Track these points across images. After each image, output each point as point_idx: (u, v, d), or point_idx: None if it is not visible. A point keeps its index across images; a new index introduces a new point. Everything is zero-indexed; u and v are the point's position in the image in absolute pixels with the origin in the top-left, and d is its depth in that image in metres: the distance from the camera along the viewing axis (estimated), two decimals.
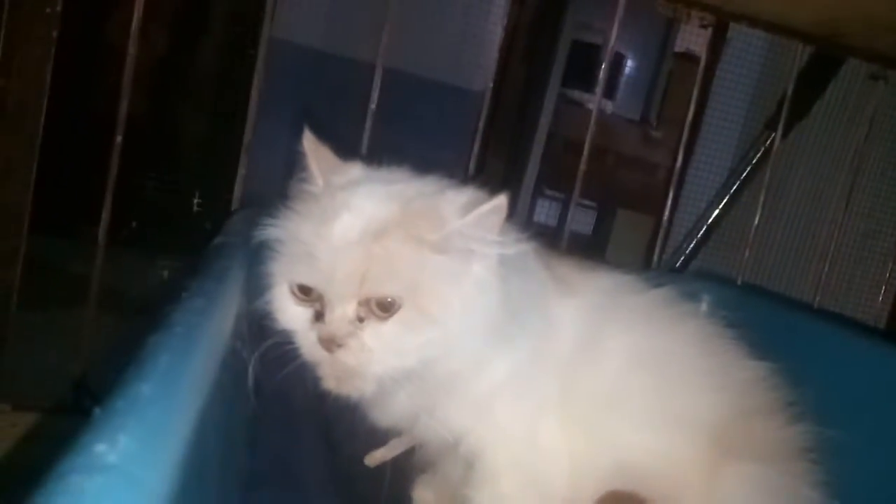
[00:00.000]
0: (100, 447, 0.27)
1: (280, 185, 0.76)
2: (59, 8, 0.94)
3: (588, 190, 1.46)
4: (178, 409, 0.33)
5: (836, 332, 1.09)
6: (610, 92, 2.56)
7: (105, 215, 1.00)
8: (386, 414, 0.75)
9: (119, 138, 0.99)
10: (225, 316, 0.50)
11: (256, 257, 0.72)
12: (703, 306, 1.17)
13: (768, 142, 1.61)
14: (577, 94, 2.51)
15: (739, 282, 1.39)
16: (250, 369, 0.66)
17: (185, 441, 0.33)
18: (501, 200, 0.65)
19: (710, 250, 1.73)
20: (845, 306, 1.38)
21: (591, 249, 2.37)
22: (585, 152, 1.41)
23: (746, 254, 1.40)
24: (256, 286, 0.81)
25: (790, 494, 0.74)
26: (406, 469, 0.89)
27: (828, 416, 0.81)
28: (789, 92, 1.51)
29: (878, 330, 1.49)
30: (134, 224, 1.29)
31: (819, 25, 1.28)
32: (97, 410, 0.30)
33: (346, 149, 0.81)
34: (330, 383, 0.67)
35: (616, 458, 0.77)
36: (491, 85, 1.41)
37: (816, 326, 1.11)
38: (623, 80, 2.64)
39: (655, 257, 1.51)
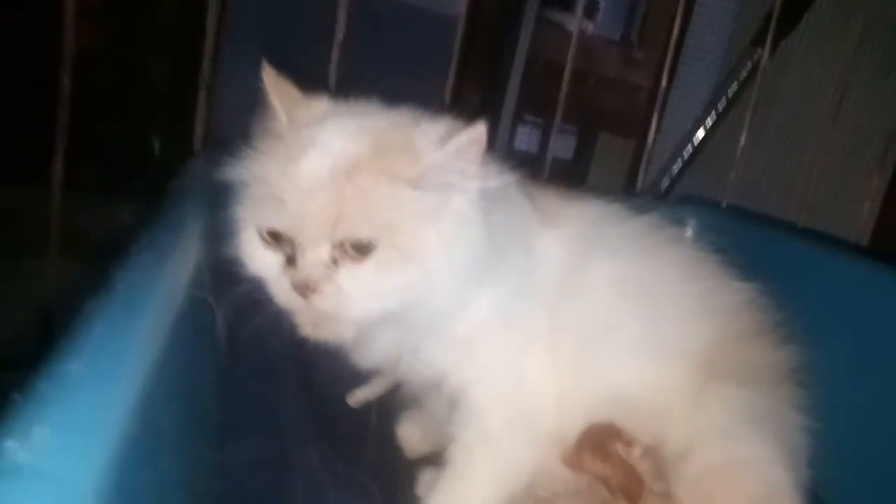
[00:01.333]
0: (7, 444, 0.24)
1: (249, 126, 0.72)
2: None
3: (569, 114, 1.41)
4: (116, 387, 0.29)
5: (820, 252, 1.08)
6: (590, 12, 2.47)
7: (57, 160, 0.94)
8: (367, 356, 0.73)
9: (66, 79, 0.92)
10: (181, 269, 0.46)
11: (219, 202, 0.68)
12: (689, 231, 1.15)
13: (755, 59, 1.56)
14: (556, 15, 2.41)
15: (724, 204, 1.37)
16: (219, 320, 0.63)
17: (128, 421, 0.29)
18: (480, 129, 0.61)
19: (695, 172, 1.70)
20: (830, 223, 1.37)
21: (573, 175, 2.34)
22: (566, 75, 1.36)
23: (732, 175, 1.38)
24: (220, 232, 0.78)
25: (776, 417, 0.74)
26: (390, 406, 0.88)
27: (813, 336, 0.81)
28: (777, 5, 1.45)
29: (860, 247, 1.49)
30: (91, 167, 1.23)
31: None
32: (17, 396, 0.26)
33: (313, 83, 0.76)
34: (307, 330, 0.65)
35: (603, 390, 0.76)
36: (465, 8, 1.34)
37: (801, 246, 1.10)
38: None
39: (639, 182, 1.48)
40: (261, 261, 0.64)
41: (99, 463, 0.26)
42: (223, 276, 0.77)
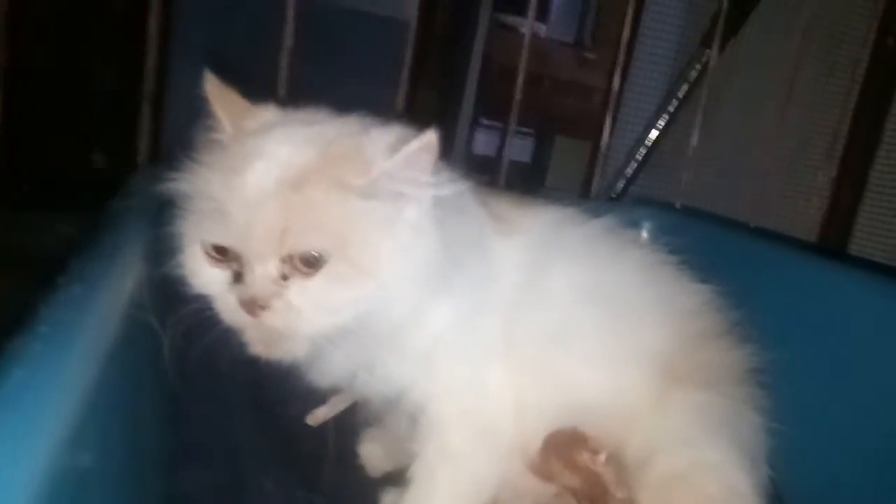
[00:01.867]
0: None
1: (195, 139, 0.69)
2: None
3: (525, 118, 1.41)
4: (39, 429, 0.27)
5: (772, 251, 1.09)
6: (542, 14, 2.48)
7: None
8: (323, 374, 0.71)
9: None
10: (117, 296, 0.44)
11: (163, 218, 0.66)
12: (644, 233, 1.16)
13: (704, 59, 1.59)
14: (509, 19, 2.42)
15: (679, 205, 1.38)
16: (165, 343, 0.61)
17: (52, 468, 0.27)
18: (431, 137, 0.60)
19: (650, 173, 1.72)
20: (780, 221, 1.40)
21: (531, 178, 2.34)
22: (520, 79, 1.36)
23: (685, 176, 1.39)
24: (164, 250, 0.75)
25: (736, 420, 0.75)
26: (351, 425, 0.86)
27: (768, 335, 0.82)
28: (723, 6, 1.47)
29: (809, 244, 1.52)
30: (25, 186, 1.17)
31: None
32: None
33: (263, 92, 0.74)
34: (257, 348, 0.62)
35: (565, 399, 0.75)
36: (417, 13, 1.33)
37: (753, 246, 1.12)
38: (555, 0, 2.56)
39: (594, 183, 1.49)
40: (206, 278, 0.61)
41: None
42: (168, 297, 0.74)
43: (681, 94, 1.66)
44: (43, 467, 0.27)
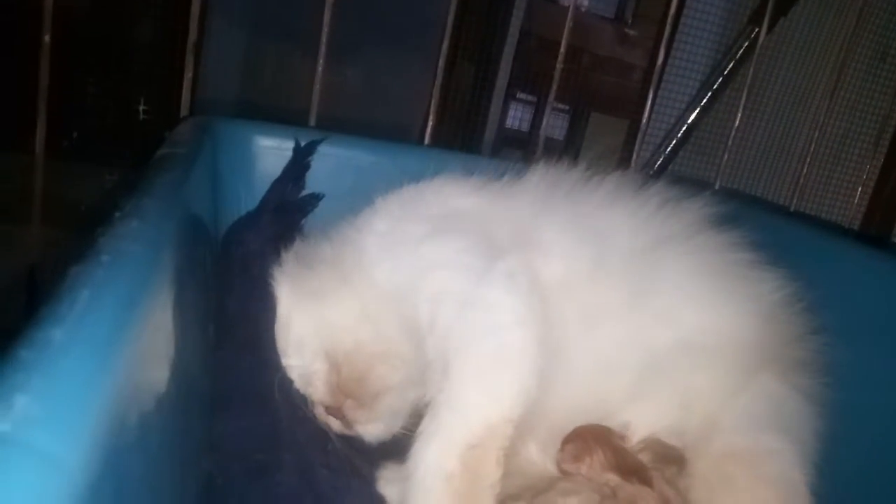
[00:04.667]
0: None
1: (236, 88, 0.69)
2: None
3: (561, 93, 1.38)
4: (102, 355, 0.27)
5: (814, 237, 1.07)
6: None
7: (40, 128, 0.91)
8: None
9: (47, 38, 0.88)
10: (169, 233, 0.44)
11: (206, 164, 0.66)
12: None
13: (752, 37, 1.55)
14: None
15: (717, 186, 1.36)
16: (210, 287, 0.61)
17: (115, 390, 0.27)
18: None
19: (689, 152, 1.69)
20: (822, 206, 1.37)
21: (565, 154, 2.31)
22: (562, 52, 1.33)
23: (725, 157, 1.36)
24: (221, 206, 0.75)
25: (804, 417, 0.72)
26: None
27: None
28: None
29: (851, 231, 1.49)
30: (75, 135, 1.19)
31: None
32: None
33: (304, 47, 0.73)
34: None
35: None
36: None
37: (795, 231, 1.09)
38: None
39: (633, 162, 1.47)
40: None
41: (84, 434, 0.24)
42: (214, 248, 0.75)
43: (725, 73, 1.62)
44: (110, 389, 0.27)
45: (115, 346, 0.28)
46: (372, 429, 0.69)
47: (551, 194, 0.77)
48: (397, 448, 0.64)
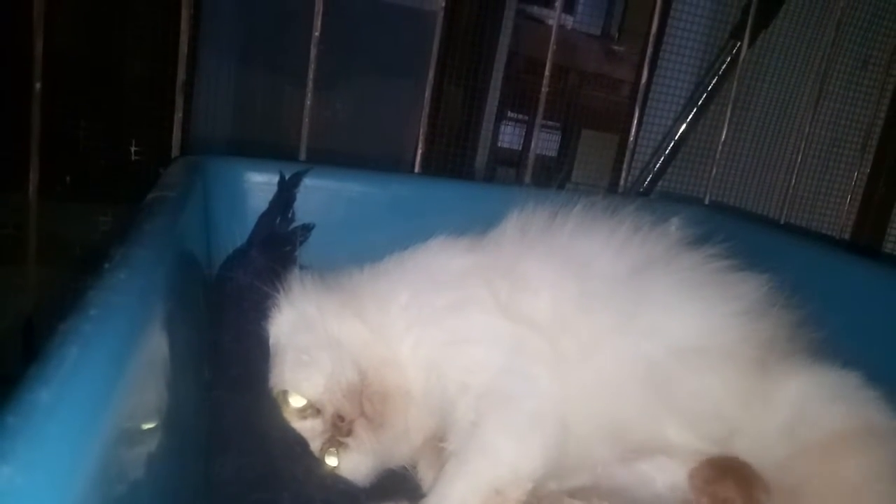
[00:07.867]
0: None
1: (227, 125, 0.70)
2: None
3: (551, 111, 1.40)
4: (93, 415, 0.28)
5: (802, 248, 1.07)
6: (569, 6, 2.46)
7: (33, 172, 0.92)
8: None
9: (38, 85, 0.89)
10: (158, 281, 0.44)
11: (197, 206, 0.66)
12: (673, 229, 1.15)
13: (734, 52, 1.56)
14: (536, 10, 2.40)
15: (707, 200, 1.37)
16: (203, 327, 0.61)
17: (106, 448, 0.28)
18: None
19: (678, 167, 1.70)
20: (812, 218, 1.38)
21: (557, 172, 2.33)
22: (547, 71, 1.35)
23: (714, 171, 1.38)
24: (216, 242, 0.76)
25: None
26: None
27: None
28: None
29: (842, 241, 1.50)
30: (67, 179, 1.20)
31: None
32: None
33: (294, 81, 0.74)
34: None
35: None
36: (444, 4, 1.33)
37: (784, 244, 1.10)
38: None
39: (622, 178, 1.48)
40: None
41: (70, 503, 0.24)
42: (206, 290, 0.75)
43: (710, 87, 1.64)
44: (100, 448, 0.27)
45: (105, 404, 0.29)
46: (360, 462, 0.68)
47: (527, 235, 0.82)
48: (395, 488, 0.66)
